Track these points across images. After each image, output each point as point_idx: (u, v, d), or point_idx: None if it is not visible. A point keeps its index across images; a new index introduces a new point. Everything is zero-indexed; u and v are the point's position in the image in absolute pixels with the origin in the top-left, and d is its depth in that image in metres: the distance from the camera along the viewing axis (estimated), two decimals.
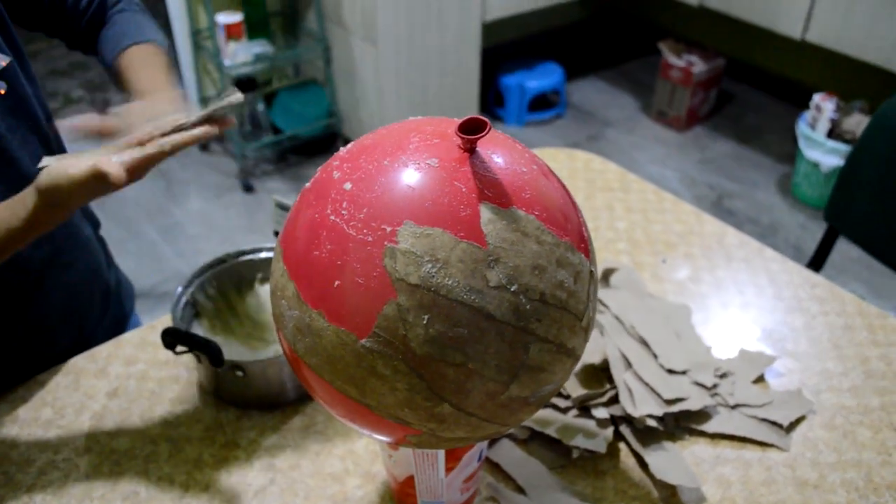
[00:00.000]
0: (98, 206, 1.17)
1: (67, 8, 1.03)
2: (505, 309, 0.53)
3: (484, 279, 0.52)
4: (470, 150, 0.56)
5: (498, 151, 0.58)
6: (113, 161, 0.74)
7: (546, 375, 0.58)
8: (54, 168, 0.75)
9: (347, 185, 0.56)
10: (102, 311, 1.14)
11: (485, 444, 0.82)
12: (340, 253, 0.54)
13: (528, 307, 0.54)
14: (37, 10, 1.01)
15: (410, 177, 0.55)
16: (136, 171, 0.76)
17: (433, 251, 0.52)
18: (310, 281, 0.56)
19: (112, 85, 1.03)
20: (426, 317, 0.52)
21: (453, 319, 0.52)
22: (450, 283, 0.52)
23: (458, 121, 0.56)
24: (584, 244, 0.60)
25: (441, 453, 0.73)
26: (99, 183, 0.74)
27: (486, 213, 0.54)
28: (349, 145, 0.62)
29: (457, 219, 0.53)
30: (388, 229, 0.53)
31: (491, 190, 0.55)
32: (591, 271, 0.61)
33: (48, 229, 0.82)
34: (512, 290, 0.53)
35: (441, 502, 0.81)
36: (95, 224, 1.16)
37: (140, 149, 0.77)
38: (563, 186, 0.62)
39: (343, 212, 0.55)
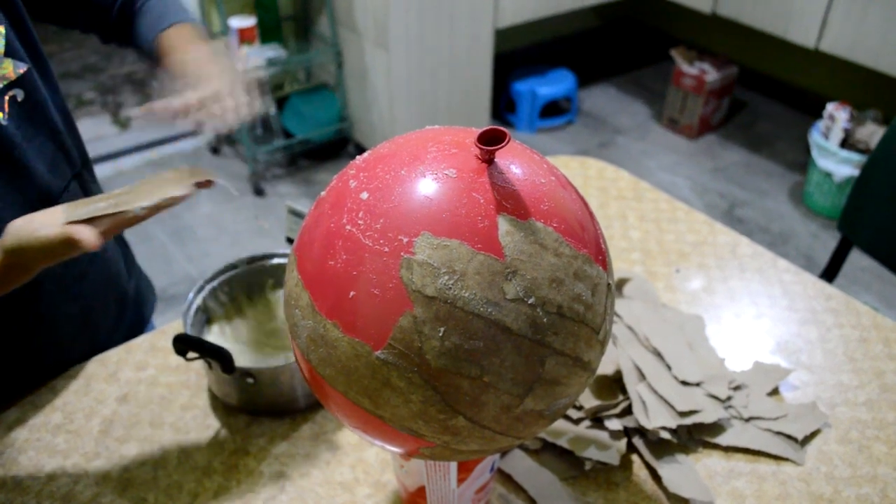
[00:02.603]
0: None
1: (94, 1, 1.04)
2: (522, 322, 0.53)
3: (501, 292, 0.52)
4: (488, 160, 0.55)
5: (516, 162, 0.57)
6: (84, 228, 0.72)
7: (561, 389, 0.57)
8: (22, 228, 0.73)
9: (364, 195, 0.56)
10: (117, 319, 1.13)
11: (497, 455, 0.81)
12: (356, 263, 0.53)
13: (545, 320, 0.53)
14: (66, 6, 1.02)
15: (428, 187, 0.54)
16: (109, 235, 0.76)
17: (450, 263, 0.51)
18: (324, 291, 0.55)
19: (137, 76, 1.04)
20: (442, 329, 0.52)
21: (469, 332, 0.52)
22: (466, 295, 0.51)
23: (477, 131, 0.56)
24: (601, 256, 0.59)
25: (453, 464, 0.73)
26: (68, 248, 0.73)
27: (504, 224, 0.53)
28: (366, 154, 0.62)
29: (474, 230, 0.52)
30: (405, 240, 0.52)
31: (509, 201, 0.54)
32: (609, 284, 0.60)
33: (9, 288, 0.80)
34: (529, 302, 0.53)
35: None
36: None
37: (113, 213, 0.75)
38: (581, 198, 0.62)
39: (359, 222, 0.54)
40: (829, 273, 1.69)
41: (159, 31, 1.01)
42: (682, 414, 0.94)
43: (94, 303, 1.07)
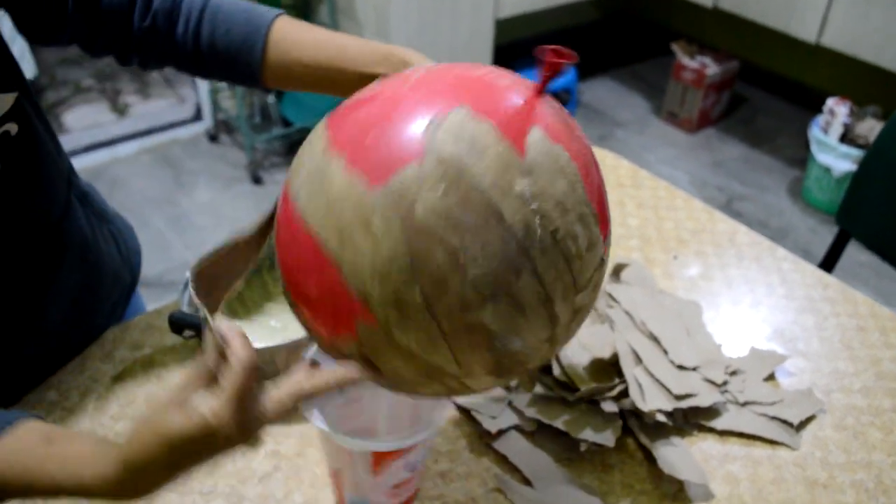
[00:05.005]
0: (108, 197, 1.15)
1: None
2: (517, 219, 0.53)
3: (510, 183, 0.53)
4: (553, 72, 0.56)
5: (566, 115, 0.61)
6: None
7: (521, 322, 0.56)
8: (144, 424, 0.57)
9: (423, 72, 0.60)
10: (122, 306, 1.13)
11: (419, 455, 0.77)
12: (390, 108, 0.56)
13: (538, 232, 0.54)
14: (59, 15, 0.85)
15: (487, 77, 0.59)
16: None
17: (477, 137, 0.53)
18: (346, 128, 0.57)
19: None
20: (442, 187, 0.52)
21: (466, 202, 0.53)
22: (478, 169, 0.53)
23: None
24: (605, 235, 0.61)
25: (368, 455, 0.72)
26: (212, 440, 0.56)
27: (536, 133, 0.55)
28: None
29: (509, 123, 0.55)
30: (445, 105, 0.55)
31: (549, 121, 0.57)
32: (603, 259, 0.60)
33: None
34: (531, 206, 0.54)
35: (366, 502, 0.81)
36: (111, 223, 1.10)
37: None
38: (603, 183, 0.64)
39: (409, 84, 0.58)
40: (827, 266, 1.69)
41: (264, 40, 0.84)
42: (678, 397, 0.94)
43: (102, 314, 1.06)
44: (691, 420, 0.95)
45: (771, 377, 1.03)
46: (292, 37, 0.85)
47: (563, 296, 0.57)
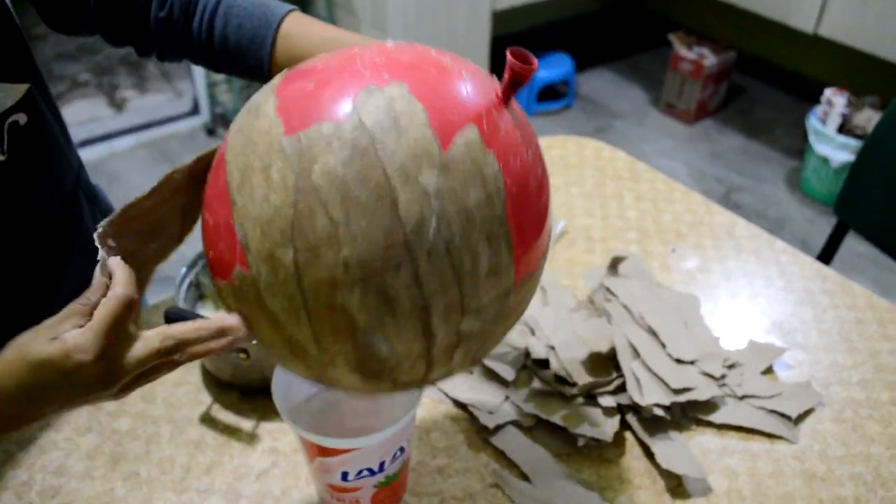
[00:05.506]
0: (106, 192, 1.14)
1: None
2: (412, 210, 0.50)
3: (419, 172, 0.50)
4: (515, 78, 0.53)
5: (527, 130, 0.58)
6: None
7: (388, 321, 0.52)
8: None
9: (391, 44, 0.57)
10: None
11: (354, 469, 0.75)
12: (341, 71, 0.54)
13: (430, 232, 0.50)
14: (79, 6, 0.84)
15: (457, 63, 0.56)
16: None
17: (402, 115, 0.51)
18: (297, 78, 0.55)
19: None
20: (348, 155, 0.50)
21: (365, 176, 0.49)
22: (391, 148, 0.50)
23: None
24: (521, 267, 0.56)
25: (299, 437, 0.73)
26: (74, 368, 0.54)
27: (471, 133, 0.52)
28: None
29: (445, 112, 0.52)
30: (386, 77, 0.52)
31: (498, 127, 0.53)
32: (510, 291, 0.56)
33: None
34: (432, 204, 0.50)
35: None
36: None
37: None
38: (547, 210, 0.59)
39: (367, 53, 0.55)
40: (825, 257, 1.69)
41: (273, 37, 0.84)
42: (676, 391, 0.93)
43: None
44: (689, 414, 0.95)
45: (769, 370, 1.03)
46: (301, 33, 0.85)
47: (445, 312, 0.53)
